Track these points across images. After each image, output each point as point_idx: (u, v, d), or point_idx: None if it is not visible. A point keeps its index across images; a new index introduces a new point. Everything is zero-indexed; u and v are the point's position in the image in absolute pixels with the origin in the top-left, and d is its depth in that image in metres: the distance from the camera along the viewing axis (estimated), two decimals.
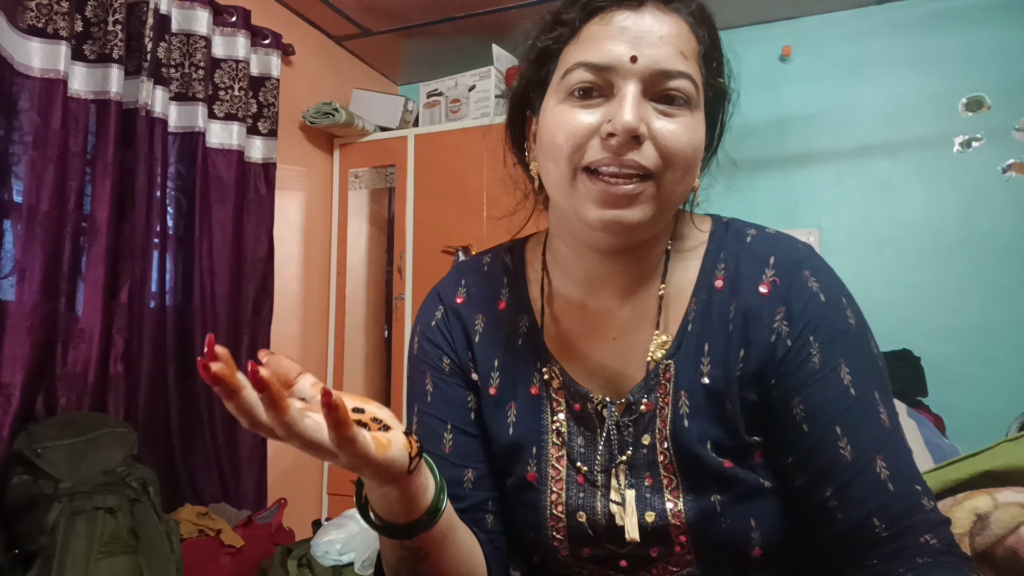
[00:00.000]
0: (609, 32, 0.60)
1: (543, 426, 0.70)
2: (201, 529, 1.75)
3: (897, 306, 2.37)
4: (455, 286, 0.77)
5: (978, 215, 2.32)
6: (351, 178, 2.81)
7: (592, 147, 0.60)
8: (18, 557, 1.43)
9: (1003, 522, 1.00)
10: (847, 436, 0.60)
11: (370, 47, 2.91)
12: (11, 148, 1.64)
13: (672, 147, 0.59)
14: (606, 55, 0.59)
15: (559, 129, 0.61)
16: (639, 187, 0.59)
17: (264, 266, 2.32)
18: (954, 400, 2.20)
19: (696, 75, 0.61)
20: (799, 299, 0.64)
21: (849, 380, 0.61)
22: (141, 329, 1.88)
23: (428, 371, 0.75)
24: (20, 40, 1.65)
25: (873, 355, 0.64)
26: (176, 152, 2.09)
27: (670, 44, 0.59)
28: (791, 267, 0.65)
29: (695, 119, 0.61)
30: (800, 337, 0.63)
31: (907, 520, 0.59)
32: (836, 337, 0.63)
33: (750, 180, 2.61)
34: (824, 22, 2.58)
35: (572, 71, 0.61)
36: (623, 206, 0.59)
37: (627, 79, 0.59)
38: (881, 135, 2.46)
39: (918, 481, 0.61)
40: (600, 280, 0.69)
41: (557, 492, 0.68)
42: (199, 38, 2.11)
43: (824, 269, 0.66)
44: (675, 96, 0.59)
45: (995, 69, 2.34)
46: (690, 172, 0.61)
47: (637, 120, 0.57)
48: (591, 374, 0.70)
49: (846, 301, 0.65)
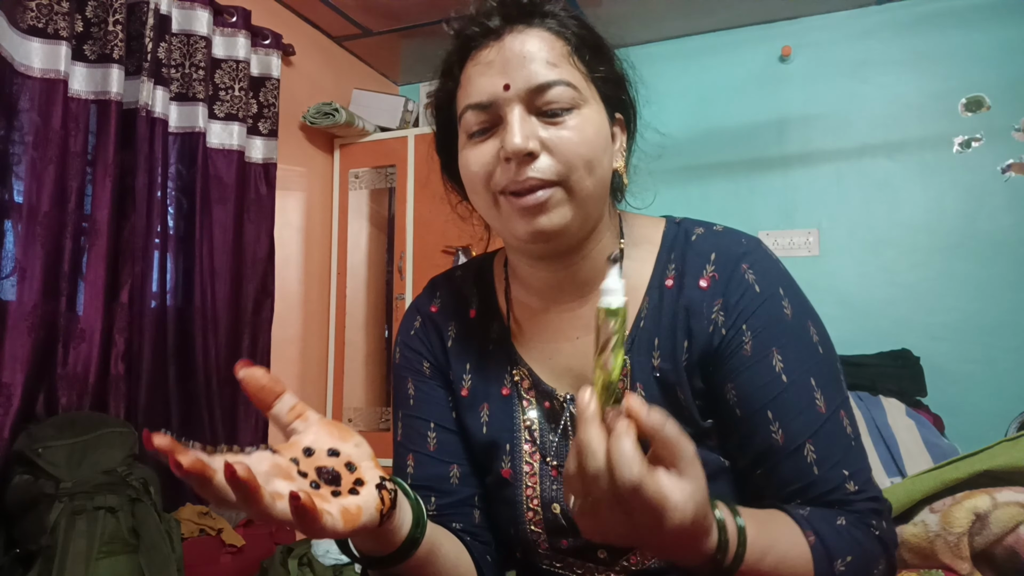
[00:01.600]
0: (480, 70, 0.66)
1: (515, 424, 0.73)
2: (202, 528, 1.75)
3: (897, 306, 2.37)
4: (430, 297, 0.83)
5: (978, 215, 2.33)
6: (351, 178, 2.81)
7: (499, 173, 0.65)
8: (19, 557, 1.43)
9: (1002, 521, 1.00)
10: (779, 421, 0.64)
11: (370, 47, 2.91)
12: (11, 148, 1.64)
13: (565, 151, 0.63)
14: (483, 92, 0.65)
15: (469, 166, 0.67)
16: (546, 193, 0.63)
17: (264, 266, 2.32)
18: (954, 400, 2.20)
19: (572, 76, 0.65)
20: (735, 291, 0.67)
21: (781, 367, 0.65)
22: (142, 329, 1.88)
23: (409, 376, 0.79)
24: (20, 40, 1.65)
25: (812, 344, 0.66)
26: (176, 152, 2.09)
27: (536, 60, 0.64)
28: (730, 261, 0.69)
29: (585, 116, 0.65)
30: (734, 326, 0.66)
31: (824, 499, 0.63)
32: (770, 325, 0.66)
33: (750, 180, 2.61)
34: (824, 22, 2.58)
35: (463, 115, 0.67)
36: (539, 214, 0.64)
37: (509, 105, 0.64)
38: (881, 135, 2.47)
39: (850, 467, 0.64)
40: (556, 287, 0.73)
41: (532, 486, 0.71)
42: (199, 38, 2.11)
43: (764, 262, 0.69)
44: (558, 102, 0.64)
45: (995, 69, 2.34)
46: (595, 167, 0.65)
47: (524, 140, 0.62)
48: (559, 373, 0.73)
49: (784, 292, 0.68)
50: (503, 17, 0.66)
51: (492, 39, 0.66)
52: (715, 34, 2.73)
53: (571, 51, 0.66)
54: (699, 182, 2.67)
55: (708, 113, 2.68)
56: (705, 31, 2.73)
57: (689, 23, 2.66)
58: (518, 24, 0.66)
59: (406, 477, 0.75)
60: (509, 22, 0.66)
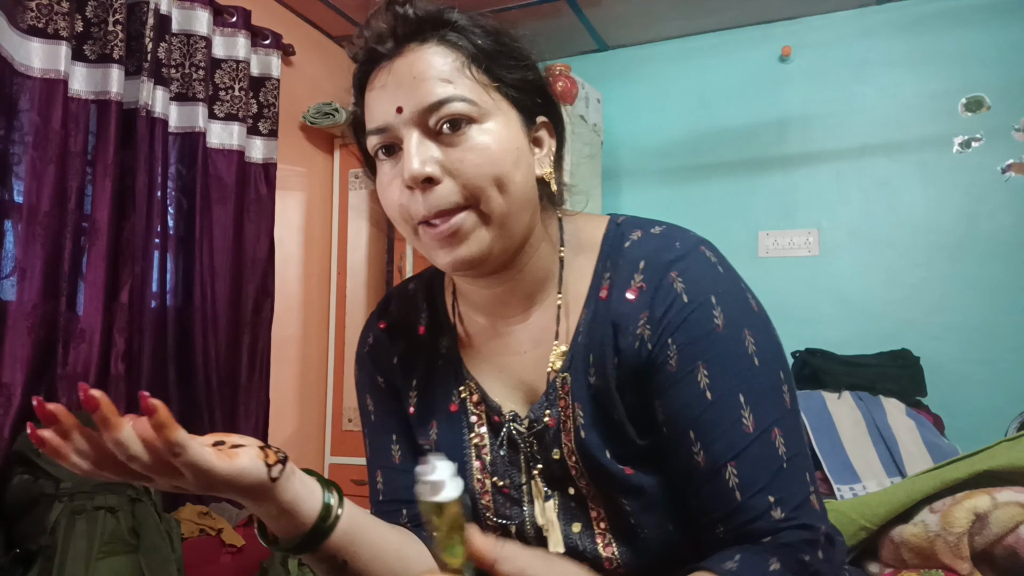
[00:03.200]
0: (375, 96, 0.63)
1: (464, 442, 0.71)
2: (202, 528, 1.75)
3: (897, 306, 2.37)
4: (381, 312, 0.81)
5: (978, 215, 2.32)
6: (351, 178, 2.81)
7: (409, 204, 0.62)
8: (19, 557, 1.43)
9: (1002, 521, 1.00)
10: (700, 442, 0.59)
11: None
12: (12, 148, 1.64)
13: (467, 173, 0.60)
14: (378, 118, 0.62)
15: (382, 192, 0.64)
16: (458, 220, 0.60)
17: (264, 266, 2.32)
18: (954, 400, 2.20)
19: (469, 89, 0.61)
20: (662, 303, 0.62)
21: (706, 384, 0.60)
22: (142, 329, 1.88)
23: (367, 392, 0.78)
24: (20, 40, 1.65)
25: (744, 356, 0.61)
26: (176, 152, 2.09)
27: (425, 78, 0.60)
28: (659, 269, 0.64)
29: (487, 131, 0.61)
30: (660, 340, 0.62)
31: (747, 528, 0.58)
32: (696, 339, 0.61)
33: (750, 180, 2.61)
34: (824, 22, 2.58)
35: (368, 140, 0.64)
36: (456, 244, 0.61)
37: (405, 129, 0.61)
38: (881, 135, 2.46)
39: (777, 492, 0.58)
40: (500, 300, 0.70)
41: (486, 503, 0.70)
42: (199, 38, 2.11)
43: (697, 268, 0.63)
44: (455, 120, 0.60)
45: (995, 69, 2.34)
46: (506, 183, 0.61)
47: (421, 164, 0.59)
48: (509, 388, 0.71)
49: (716, 300, 0.62)
50: (394, 38, 0.63)
51: (385, 61, 0.63)
52: (715, 34, 2.72)
53: (466, 62, 0.62)
54: (699, 182, 2.67)
55: (708, 113, 2.68)
56: (705, 31, 2.72)
57: (689, 23, 2.66)
58: (411, 42, 0.62)
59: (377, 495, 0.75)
60: (401, 42, 0.63)
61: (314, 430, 2.66)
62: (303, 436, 2.61)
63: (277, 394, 2.39)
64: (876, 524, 1.10)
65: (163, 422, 0.48)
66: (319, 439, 2.67)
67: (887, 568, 1.10)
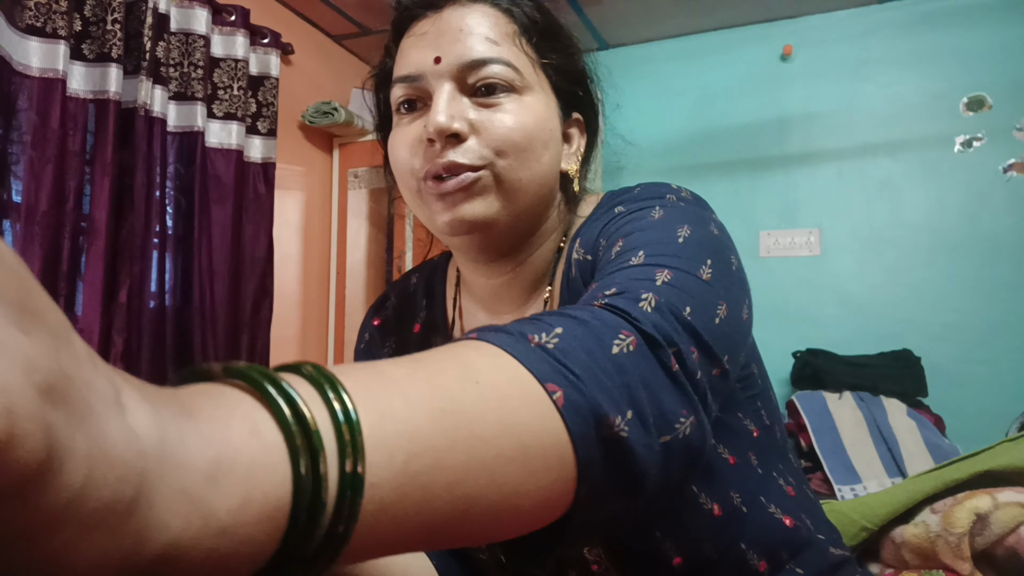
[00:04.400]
0: (413, 42, 0.60)
1: None
2: None
3: (898, 306, 2.36)
4: (378, 308, 0.78)
5: (979, 215, 2.32)
6: (351, 178, 2.81)
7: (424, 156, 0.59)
8: None
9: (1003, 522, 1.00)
10: (643, 250, 0.49)
11: (370, 46, 2.90)
12: (10, 148, 1.64)
13: (496, 135, 0.57)
14: (412, 65, 0.59)
15: (394, 148, 0.61)
16: (470, 176, 0.57)
17: (263, 266, 2.32)
18: (955, 400, 2.19)
19: (515, 57, 0.59)
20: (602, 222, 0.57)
21: (616, 252, 0.51)
22: (140, 329, 1.88)
23: None
24: (19, 39, 1.65)
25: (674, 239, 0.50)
26: (175, 152, 2.09)
27: (473, 34, 0.58)
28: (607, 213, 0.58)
29: (524, 102, 0.59)
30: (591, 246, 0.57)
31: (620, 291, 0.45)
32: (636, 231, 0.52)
33: (751, 179, 2.60)
34: (825, 21, 2.57)
35: (392, 90, 0.61)
36: (461, 201, 0.58)
37: (438, 81, 0.58)
38: (882, 134, 2.46)
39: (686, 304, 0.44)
40: (497, 293, 0.68)
41: None
42: (198, 37, 2.11)
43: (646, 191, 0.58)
44: (493, 84, 0.58)
45: (996, 68, 2.34)
46: (532, 156, 0.59)
47: (449, 119, 0.56)
48: None
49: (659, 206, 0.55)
50: None
51: (432, 11, 0.60)
52: (716, 33, 2.72)
53: (518, 31, 0.60)
54: (700, 181, 2.66)
55: (709, 112, 2.68)
56: (706, 30, 2.72)
57: (690, 22, 2.66)
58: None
59: None
60: None
61: None
62: None
63: None
64: (877, 524, 1.09)
65: None
66: None
67: (888, 568, 1.09)
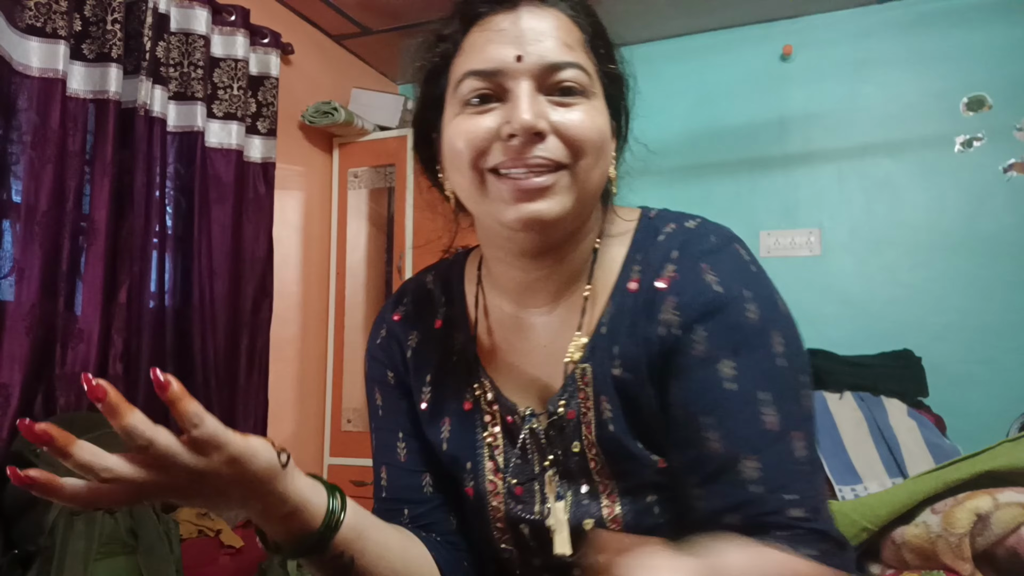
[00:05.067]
0: (490, 37, 0.61)
1: (477, 441, 0.70)
2: (200, 529, 1.75)
3: (898, 306, 2.36)
4: (396, 304, 0.78)
5: (979, 215, 2.32)
6: (350, 178, 2.81)
7: (494, 150, 0.59)
8: (17, 558, 1.43)
9: (1003, 522, 1.00)
10: (719, 430, 0.58)
11: (369, 46, 2.90)
12: (10, 148, 1.63)
13: (577, 135, 0.59)
14: (491, 60, 0.60)
15: (458, 137, 0.61)
16: (552, 178, 0.59)
17: (263, 266, 2.31)
18: (955, 400, 2.19)
19: (586, 63, 0.61)
20: (691, 290, 0.61)
21: (731, 374, 0.58)
22: (140, 329, 1.87)
23: (376, 387, 0.76)
24: (19, 39, 1.64)
25: (771, 355, 0.59)
26: (175, 152, 2.08)
27: (552, 37, 0.60)
28: (691, 260, 0.63)
29: (594, 106, 0.61)
30: (687, 326, 0.61)
31: (762, 519, 0.56)
32: (726, 330, 0.60)
33: (751, 179, 2.60)
34: (825, 21, 2.57)
35: (463, 82, 0.61)
36: (538, 198, 0.59)
37: (517, 79, 0.59)
38: (882, 134, 2.46)
39: (795, 492, 0.56)
40: (530, 288, 0.68)
41: (496, 505, 0.68)
42: (198, 37, 2.11)
43: (729, 262, 0.63)
44: (570, 87, 0.60)
45: (996, 68, 2.34)
46: (601, 157, 0.61)
47: (535, 117, 0.57)
48: (524, 386, 0.69)
49: (750, 295, 0.60)
50: None
51: (506, 8, 0.61)
52: (716, 33, 2.72)
53: (585, 39, 0.63)
54: (700, 181, 2.66)
55: (709, 112, 2.68)
56: (706, 30, 2.72)
57: (690, 22, 2.66)
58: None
59: (380, 491, 0.73)
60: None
61: (313, 431, 2.65)
62: (302, 437, 2.60)
63: (276, 394, 2.38)
64: (877, 525, 1.09)
65: (178, 394, 0.48)
66: (318, 440, 2.66)
67: (889, 569, 1.09)
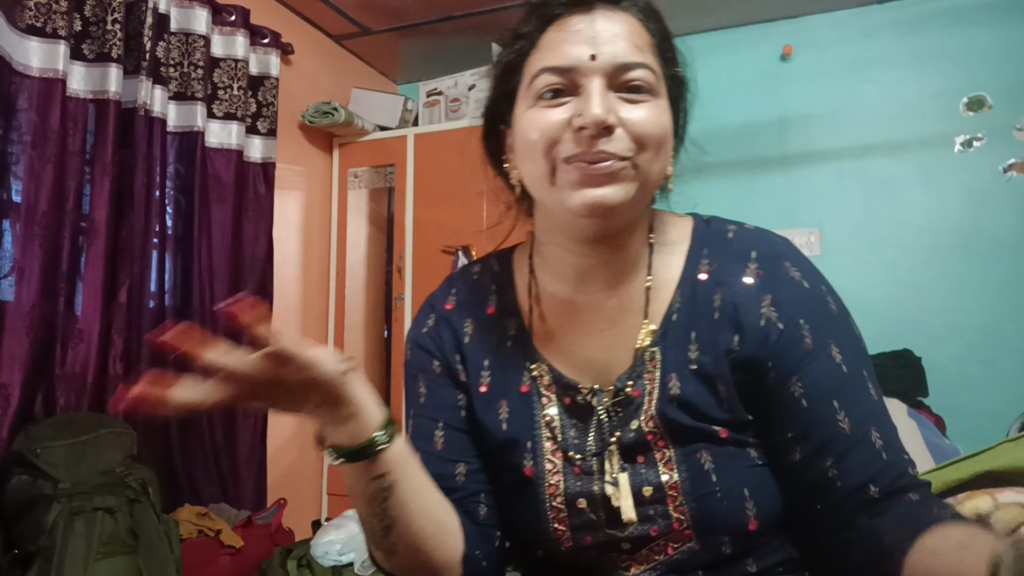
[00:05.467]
0: (566, 36, 0.66)
1: (535, 422, 0.73)
2: (201, 529, 1.75)
3: (898, 306, 2.36)
4: (445, 294, 0.82)
5: (979, 215, 2.32)
6: (350, 178, 2.81)
7: (566, 141, 0.64)
8: (17, 558, 1.43)
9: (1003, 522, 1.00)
10: (844, 410, 0.66)
11: (369, 46, 2.90)
12: (10, 148, 1.63)
13: (642, 131, 0.64)
14: (567, 57, 0.65)
15: (532, 129, 0.66)
16: (617, 166, 0.63)
17: (263, 266, 2.31)
18: (955, 400, 2.19)
19: (654, 64, 0.66)
20: (783, 287, 0.70)
21: (840, 359, 0.67)
22: (140, 329, 1.87)
23: (421, 375, 0.79)
24: (19, 39, 1.64)
25: (857, 337, 0.71)
26: (175, 152, 2.08)
27: (624, 39, 0.65)
28: (772, 259, 0.71)
29: (659, 104, 0.66)
30: (790, 321, 0.68)
31: (897, 483, 0.64)
32: (823, 320, 0.69)
33: (751, 180, 2.60)
34: (825, 21, 2.57)
35: (538, 77, 0.66)
36: (604, 184, 0.64)
37: (590, 76, 0.64)
38: (882, 134, 2.46)
39: (905, 452, 0.67)
40: (587, 274, 0.73)
41: (555, 484, 0.71)
42: (198, 37, 2.11)
43: (803, 261, 0.73)
44: (638, 86, 0.65)
45: (996, 68, 2.34)
46: (663, 153, 0.66)
47: (606, 111, 0.62)
48: (580, 367, 0.73)
49: (826, 289, 0.72)
50: None
51: (582, 10, 0.66)
52: (716, 33, 2.72)
53: (654, 43, 0.68)
54: (700, 181, 2.63)
55: (709, 112, 2.64)
56: (706, 30, 2.72)
57: (690, 22, 2.65)
58: (605, 2, 0.67)
59: None
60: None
61: (313, 431, 2.64)
62: (302, 436, 2.60)
63: None
64: None
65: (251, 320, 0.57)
66: None
67: None
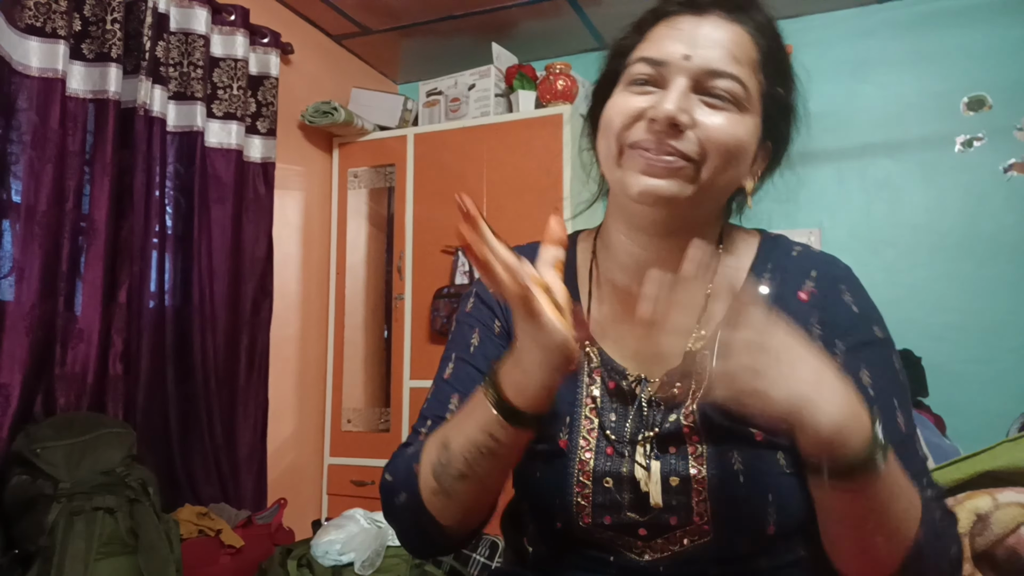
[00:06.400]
0: (669, 33, 0.69)
1: (578, 399, 0.75)
2: (201, 529, 1.75)
3: (898, 306, 2.35)
4: None
5: (979, 215, 2.32)
6: (350, 177, 2.81)
7: (639, 128, 0.67)
8: (17, 557, 1.43)
9: (1003, 522, 1.00)
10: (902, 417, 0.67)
11: (369, 46, 2.90)
12: (9, 148, 1.64)
13: (712, 136, 0.66)
14: (662, 51, 0.68)
15: (614, 109, 0.70)
16: (679, 162, 0.65)
17: (263, 266, 2.32)
18: (955, 400, 2.19)
19: (747, 79, 0.68)
20: (832, 308, 0.73)
21: (869, 383, 0.69)
22: (140, 329, 1.88)
23: (478, 327, 0.81)
24: (18, 39, 1.64)
25: (895, 369, 0.72)
26: (175, 151, 2.08)
27: (723, 48, 0.67)
28: (830, 281, 0.75)
29: (742, 118, 0.68)
30: (828, 340, 0.70)
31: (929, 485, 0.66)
32: (861, 346, 0.71)
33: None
34: (825, 21, 2.57)
35: (634, 64, 0.70)
36: (661, 176, 0.66)
37: (678, 74, 0.67)
38: (882, 134, 2.46)
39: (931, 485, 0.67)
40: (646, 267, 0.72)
41: (586, 460, 0.72)
42: (198, 37, 2.11)
43: (860, 289, 0.76)
44: (721, 94, 0.66)
45: (997, 68, 2.34)
46: (732, 164, 0.68)
47: (677, 110, 0.64)
48: (630, 355, 0.75)
49: (876, 318, 0.74)
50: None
51: (694, 12, 0.69)
52: None
53: (758, 59, 0.70)
54: None
55: None
56: None
57: None
58: (721, 10, 0.69)
59: (445, 412, 0.76)
60: (715, 5, 0.69)
61: (313, 430, 2.65)
62: (302, 436, 2.60)
63: (276, 394, 2.38)
64: None
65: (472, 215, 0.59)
66: (318, 439, 2.66)
67: None
